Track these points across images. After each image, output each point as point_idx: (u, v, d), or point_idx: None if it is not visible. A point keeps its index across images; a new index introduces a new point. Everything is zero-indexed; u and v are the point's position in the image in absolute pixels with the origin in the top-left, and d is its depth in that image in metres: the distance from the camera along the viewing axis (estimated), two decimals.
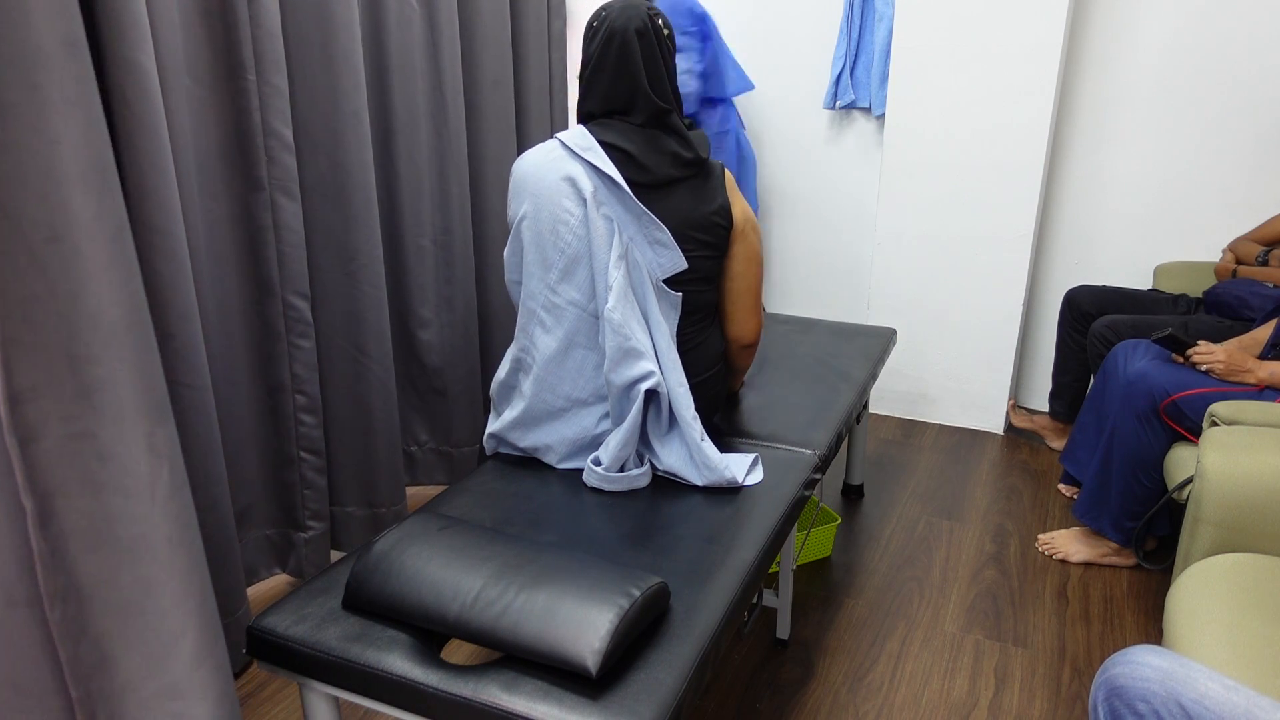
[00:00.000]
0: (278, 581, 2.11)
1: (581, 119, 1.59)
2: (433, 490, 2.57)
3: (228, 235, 1.75)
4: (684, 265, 1.55)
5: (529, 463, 1.66)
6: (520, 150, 2.48)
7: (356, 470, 2.09)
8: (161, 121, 1.41)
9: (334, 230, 1.92)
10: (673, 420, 1.58)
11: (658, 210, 1.54)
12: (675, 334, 1.59)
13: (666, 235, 1.52)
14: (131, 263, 0.99)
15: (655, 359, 1.53)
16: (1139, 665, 0.99)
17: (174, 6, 1.54)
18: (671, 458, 1.57)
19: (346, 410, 2.04)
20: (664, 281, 1.57)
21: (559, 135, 1.54)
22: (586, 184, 1.49)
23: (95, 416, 0.95)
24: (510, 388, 1.65)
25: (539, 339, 1.58)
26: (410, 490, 2.55)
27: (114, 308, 0.96)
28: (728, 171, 1.65)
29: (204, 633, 1.07)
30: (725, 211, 1.61)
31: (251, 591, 2.07)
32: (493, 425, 1.67)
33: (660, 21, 1.54)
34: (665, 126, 1.54)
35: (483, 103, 2.27)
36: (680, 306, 1.58)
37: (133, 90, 1.34)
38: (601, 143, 1.51)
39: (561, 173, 1.51)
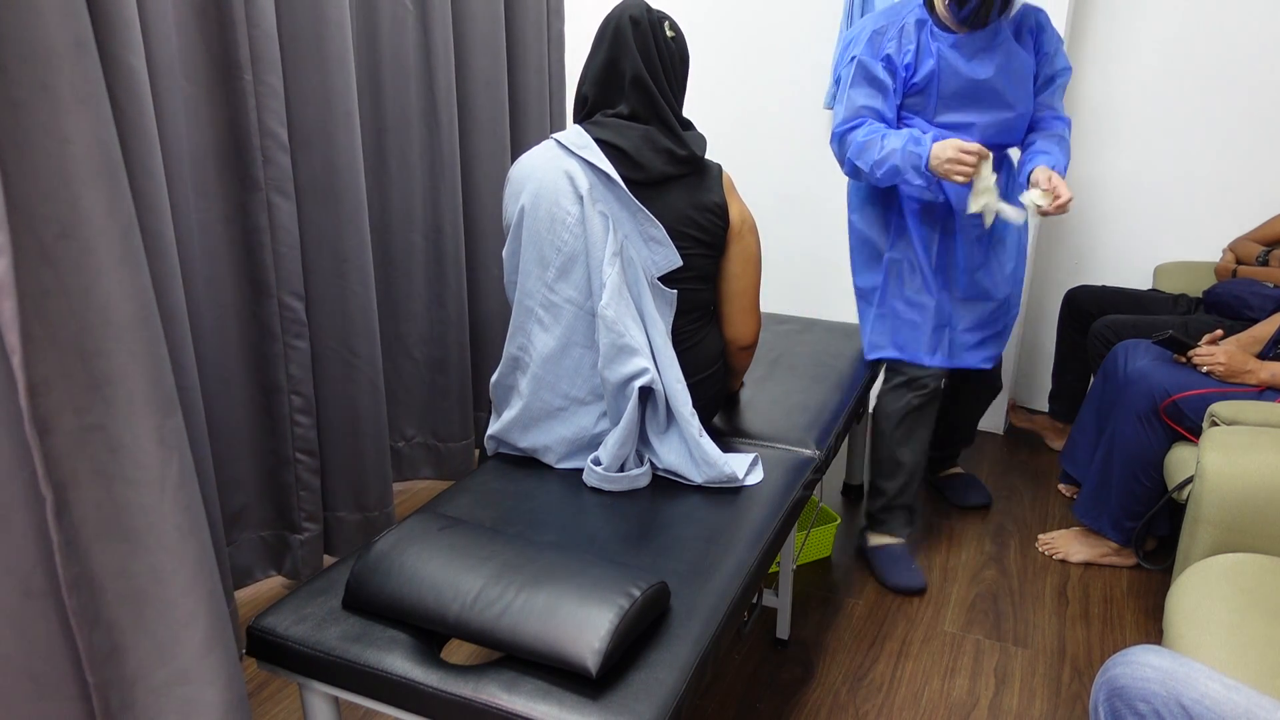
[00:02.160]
0: (272, 584, 2.10)
1: (577, 106, 1.60)
2: (420, 485, 2.57)
3: (223, 236, 1.75)
4: (679, 262, 1.55)
5: (529, 463, 1.66)
6: (514, 150, 2.48)
7: (347, 473, 2.09)
8: (151, 122, 1.41)
9: (326, 230, 1.93)
10: (671, 418, 1.58)
11: (652, 207, 1.54)
12: (671, 331, 1.59)
13: (661, 232, 1.53)
14: (141, 259, 1.00)
15: (651, 356, 1.53)
16: (1140, 665, 0.99)
17: (169, 7, 1.54)
18: (671, 455, 1.57)
19: (338, 411, 2.04)
20: (660, 279, 1.57)
21: (555, 136, 1.56)
22: (583, 181, 1.50)
23: (106, 409, 0.97)
24: (509, 388, 1.65)
25: (536, 337, 1.58)
26: (397, 486, 2.54)
27: (124, 303, 0.98)
28: (725, 172, 1.66)
29: (212, 620, 1.09)
30: (721, 210, 1.61)
31: (247, 593, 2.06)
32: (493, 426, 1.67)
33: (666, 25, 1.55)
34: (660, 124, 1.55)
35: (475, 103, 2.28)
36: (675, 304, 1.58)
37: (122, 91, 1.35)
38: (597, 141, 1.52)
39: (559, 171, 1.52)
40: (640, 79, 1.52)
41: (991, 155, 1.88)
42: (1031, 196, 1.88)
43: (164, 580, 1.04)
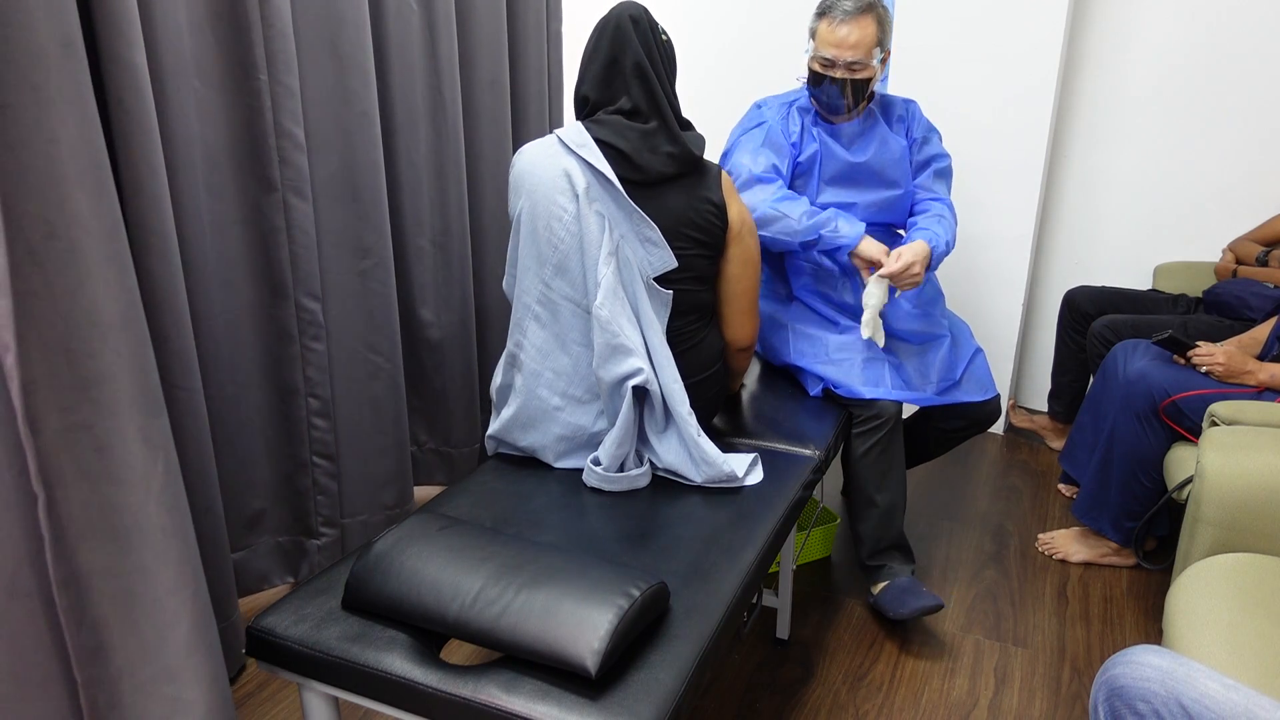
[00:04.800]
0: (286, 590, 2.09)
1: (577, 106, 1.61)
2: (433, 490, 2.57)
3: (239, 237, 1.74)
4: (674, 264, 1.56)
5: (529, 463, 1.66)
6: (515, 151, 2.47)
7: (368, 474, 2.08)
8: (154, 121, 1.41)
9: (345, 230, 1.92)
10: (669, 417, 1.58)
11: (650, 208, 1.54)
12: (669, 332, 1.59)
13: (657, 233, 1.53)
14: (126, 260, 1.00)
15: (647, 356, 1.53)
16: (1139, 665, 0.99)
17: (183, 8, 1.54)
18: (670, 455, 1.57)
19: (358, 413, 2.03)
20: (657, 280, 1.57)
21: (557, 132, 1.56)
22: (580, 180, 1.51)
23: (92, 409, 0.97)
24: (507, 386, 1.65)
25: (533, 334, 1.58)
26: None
27: (110, 304, 0.97)
28: (725, 173, 1.66)
29: (197, 620, 1.09)
30: (720, 211, 1.61)
31: (260, 599, 2.04)
32: (493, 426, 1.68)
33: (660, 26, 1.57)
34: (659, 123, 1.55)
35: (479, 103, 2.27)
36: (670, 304, 1.58)
37: (127, 90, 1.35)
38: (596, 140, 1.52)
39: (557, 168, 1.52)
40: (642, 68, 1.52)
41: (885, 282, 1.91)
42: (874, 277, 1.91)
43: (150, 579, 1.04)
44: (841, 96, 1.95)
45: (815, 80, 1.96)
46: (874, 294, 1.91)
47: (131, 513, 1.01)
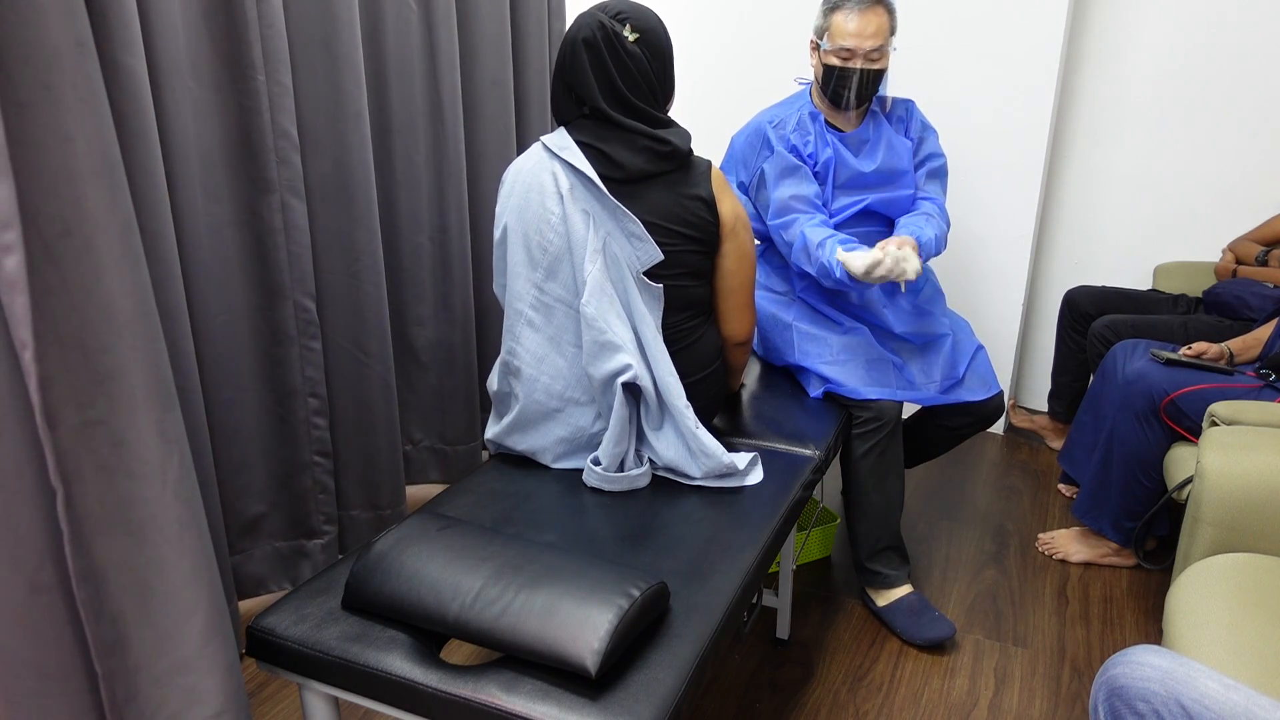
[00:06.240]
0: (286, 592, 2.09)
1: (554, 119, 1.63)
2: (429, 489, 2.57)
3: (235, 238, 1.74)
4: (660, 257, 1.55)
5: (529, 462, 1.66)
6: (519, 149, 2.48)
7: (361, 473, 2.08)
8: (150, 123, 1.41)
9: (337, 231, 1.92)
10: (665, 412, 1.58)
11: (635, 205, 1.54)
12: (660, 326, 1.59)
13: (640, 227, 1.53)
14: (140, 256, 1.01)
15: (638, 351, 1.54)
16: (1139, 665, 0.99)
17: (177, 9, 1.54)
18: (668, 451, 1.57)
19: (351, 412, 2.03)
20: (651, 276, 1.57)
21: (542, 139, 1.58)
22: (564, 181, 1.52)
23: (109, 404, 0.99)
24: (505, 393, 1.66)
25: (526, 338, 1.58)
26: (407, 489, 2.54)
27: (124, 299, 0.99)
28: (716, 168, 1.65)
29: (212, 611, 1.11)
30: (710, 205, 1.60)
31: (258, 604, 2.04)
32: (491, 430, 1.68)
33: (628, 28, 1.50)
34: (641, 122, 1.54)
35: (482, 102, 2.27)
36: (663, 299, 1.58)
37: (119, 92, 1.36)
38: (578, 142, 1.54)
39: (545, 173, 1.54)
40: (598, 109, 1.53)
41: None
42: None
43: (166, 572, 1.05)
44: (859, 88, 1.96)
45: (831, 75, 1.96)
46: (865, 260, 1.78)
47: (148, 506, 1.03)
